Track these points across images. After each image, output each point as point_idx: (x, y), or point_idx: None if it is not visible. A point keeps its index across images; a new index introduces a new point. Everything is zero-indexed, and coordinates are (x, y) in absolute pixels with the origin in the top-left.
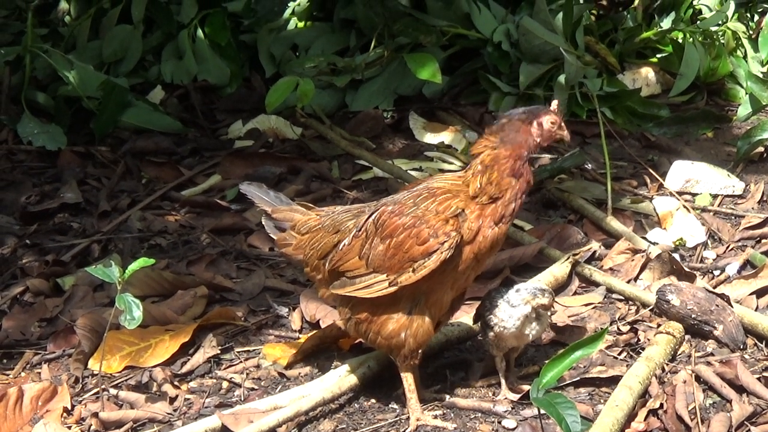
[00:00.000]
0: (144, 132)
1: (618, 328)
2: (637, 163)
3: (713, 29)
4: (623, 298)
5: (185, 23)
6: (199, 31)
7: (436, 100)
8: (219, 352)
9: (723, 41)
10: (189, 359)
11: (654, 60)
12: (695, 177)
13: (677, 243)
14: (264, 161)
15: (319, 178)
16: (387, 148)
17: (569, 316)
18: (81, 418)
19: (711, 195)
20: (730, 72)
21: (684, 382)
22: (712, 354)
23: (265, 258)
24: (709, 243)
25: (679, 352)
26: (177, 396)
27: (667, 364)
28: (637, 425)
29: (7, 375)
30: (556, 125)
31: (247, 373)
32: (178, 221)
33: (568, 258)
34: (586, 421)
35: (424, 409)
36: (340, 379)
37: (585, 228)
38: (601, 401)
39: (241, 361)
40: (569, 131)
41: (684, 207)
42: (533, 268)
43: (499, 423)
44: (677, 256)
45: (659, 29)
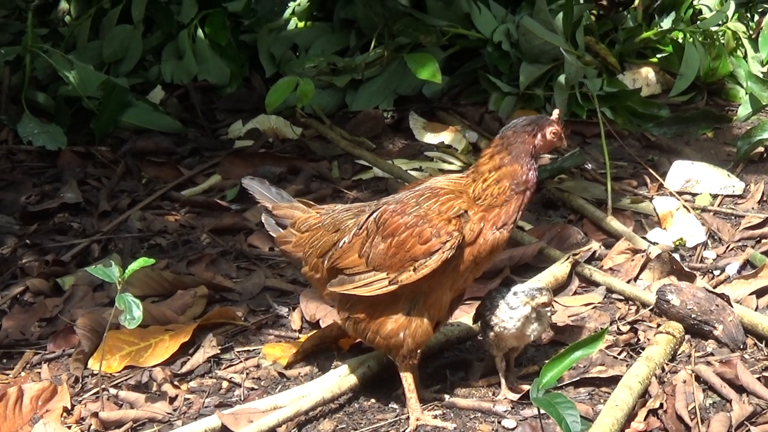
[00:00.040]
0: (144, 132)
1: (618, 328)
2: (637, 163)
3: (713, 29)
4: (623, 298)
5: (185, 23)
6: (199, 31)
7: (436, 100)
8: (219, 351)
9: (723, 41)
10: (189, 359)
11: (654, 60)
12: (695, 177)
13: (677, 243)
14: (264, 161)
15: (319, 178)
16: (387, 148)
17: (569, 316)
18: (81, 417)
19: (711, 195)
20: (730, 72)
21: (684, 382)
22: (712, 354)
23: (265, 258)
24: (709, 243)
25: (679, 352)
26: (177, 396)
27: (667, 364)
28: (637, 425)
29: (7, 375)
30: (557, 136)
31: (247, 373)
32: (178, 221)
33: (568, 258)
34: (585, 421)
35: (423, 409)
36: (340, 379)
37: (585, 228)
38: (601, 401)
39: (241, 361)
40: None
41: (684, 207)
42: (533, 268)
43: (499, 423)
44: (677, 256)
45: (659, 29)
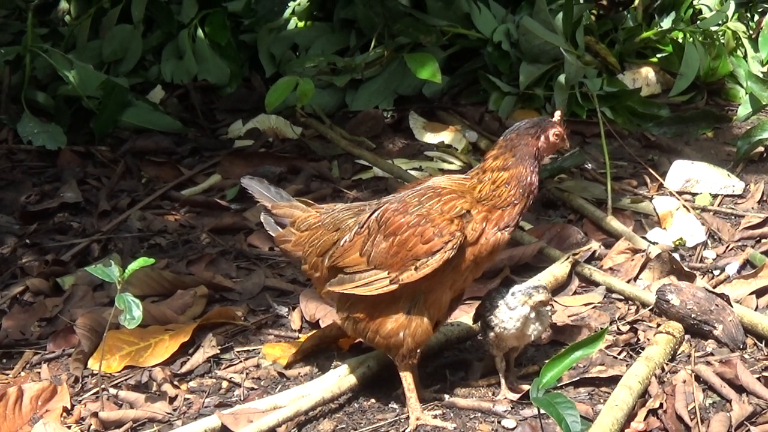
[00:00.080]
0: (144, 131)
1: (618, 327)
2: (637, 163)
3: (713, 29)
4: (623, 297)
5: (185, 23)
6: (199, 31)
7: (436, 99)
8: (219, 351)
9: (723, 41)
10: (189, 359)
11: (654, 60)
12: (695, 177)
13: (677, 243)
14: (264, 161)
15: (319, 177)
16: (387, 147)
17: (569, 315)
18: (80, 417)
19: (711, 195)
20: (730, 72)
21: (684, 381)
22: (711, 354)
23: (265, 257)
24: (709, 243)
25: (679, 351)
26: (177, 396)
27: (667, 363)
28: (637, 425)
29: (7, 375)
30: (560, 137)
31: (247, 373)
32: (177, 221)
33: (567, 258)
34: (585, 421)
35: (423, 409)
36: (339, 379)
37: (585, 228)
38: (601, 401)
39: (241, 361)
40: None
41: (684, 207)
42: (533, 267)
43: (499, 423)
44: (677, 255)
45: (659, 29)
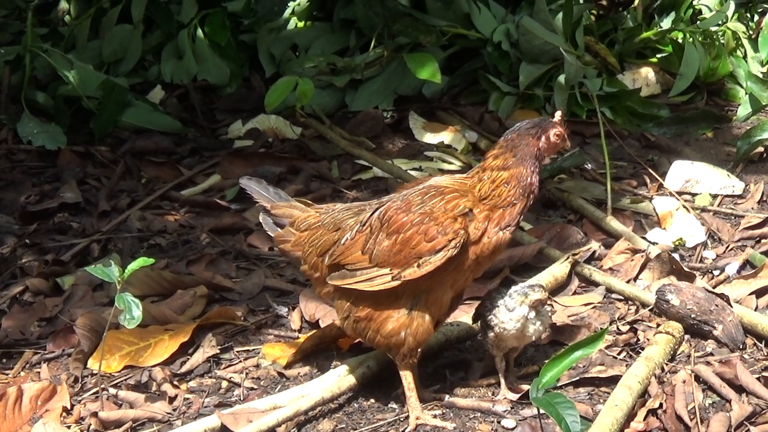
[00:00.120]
0: (144, 132)
1: (617, 327)
2: (637, 163)
3: (713, 29)
4: (623, 298)
5: (185, 23)
6: (199, 31)
7: (435, 100)
8: (218, 351)
9: (723, 41)
10: (188, 359)
11: (654, 60)
12: (695, 177)
13: (677, 243)
14: (264, 161)
15: (319, 177)
16: (387, 147)
17: (569, 316)
18: (80, 417)
19: (711, 195)
20: (729, 72)
21: (683, 381)
22: (711, 354)
23: (265, 258)
24: (709, 243)
25: (679, 351)
26: (176, 395)
27: (667, 363)
28: (637, 425)
29: (7, 374)
30: (560, 138)
31: (247, 373)
32: (177, 221)
33: (567, 258)
34: (585, 421)
35: (423, 409)
36: (339, 379)
37: (585, 228)
38: (601, 401)
39: (241, 361)
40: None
41: (684, 207)
42: (533, 267)
43: (499, 423)
44: (677, 256)
45: (659, 29)
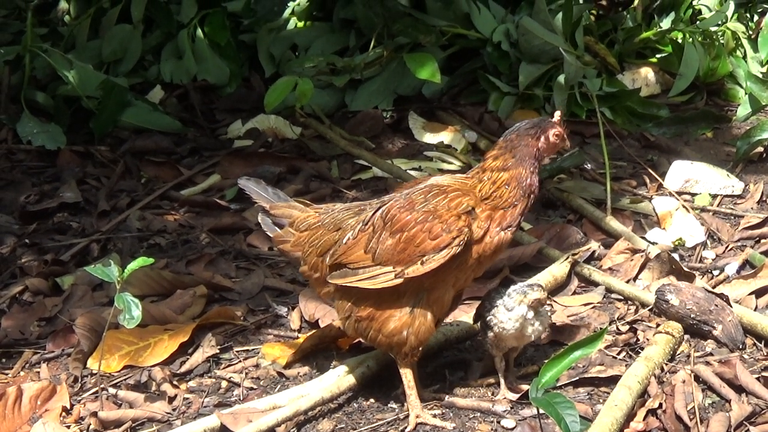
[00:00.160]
0: (143, 131)
1: (617, 327)
2: (637, 163)
3: (713, 29)
4: (622, 297)
5: (185, 23)
6: (199, 31)
7: (435, 99)
8: (218, 351)
9: (722, 41)
10: (188, 359)
11: (653, 60)
12: (695, 177)
13: (676, 243)
14: (263, 161)
15: (319, 177)
16: (386, 147)
17: (568, 315)
18: (80, 417)
19: (710, 195)
20: (729, 72)
21: (683, 381)
22: (711, 354)
23: (264, 257)
24: (709, 243)
25: (678, 351)
26: (176, 395)
27: (666, 363)
28: (636, 425)
29: (6, 374)
30: (560, 138)
31: (246, 373)
32: (177, 221)
33: (567, 258)
34: (585, 421)
35: (423, 407)
36: (339, 379)
37: (584, 228)
38: (600, 401)
39: (240, 361)
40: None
41: (683, 207)
42: (532, 267)
43: (498, 423)
44: (676, 256)
45: (659, 29)
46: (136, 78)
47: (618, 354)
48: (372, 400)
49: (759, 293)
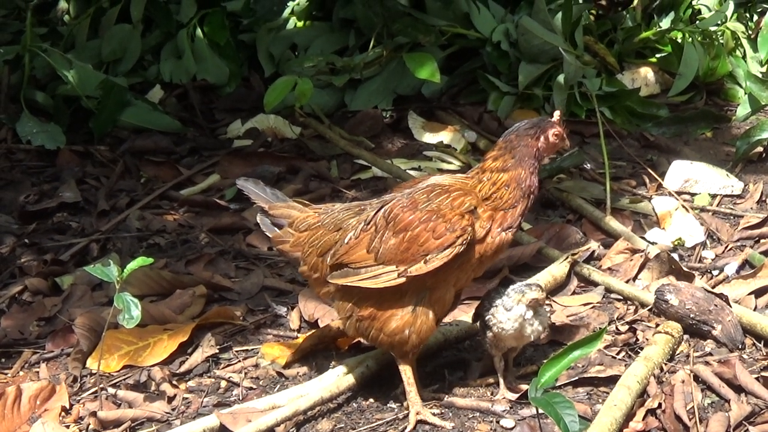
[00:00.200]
0: (143, 131)
1: (616, 327)
2: (636, 163)
3: (712, 29)
4: (622, 297)
5: (184, 22)
6: (198, 31)
7: (435, 99)
8: (217, 351)
9: (722, 41)
10: (187, 358)
11: (653, 60)
12: (694, 177)
13: (676, 243)
14: (263, 160)
15: (318, 177)
16: (386, 147)
17: (568, 315)
18: (79, 417)
19: (710, 195)
20: (729, 72)
21: (682, 381)
22: (710, 354)
23: (264, 257)
24: (708, 243)
25: (678, 351)
26: (175, 395)
27: (666, 363)
28: (636, 425)
29: (6, 374)
30: (559, 137)
31: (246, 373)
32: (176, 220)
33: (566, 258)
34: (584, 421)
35: (423, 405)
36: (338, 379)
37: (584, 228)
38: (600, 401)
39: (240, 361)
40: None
41: (683, 207)
42: (532, 267)
43: (498, 422)
44: (676, 255)
45: (658, 29)
46: (135, 78)
47: (617, 354)
48: (371, 400)
49: (758, 293)
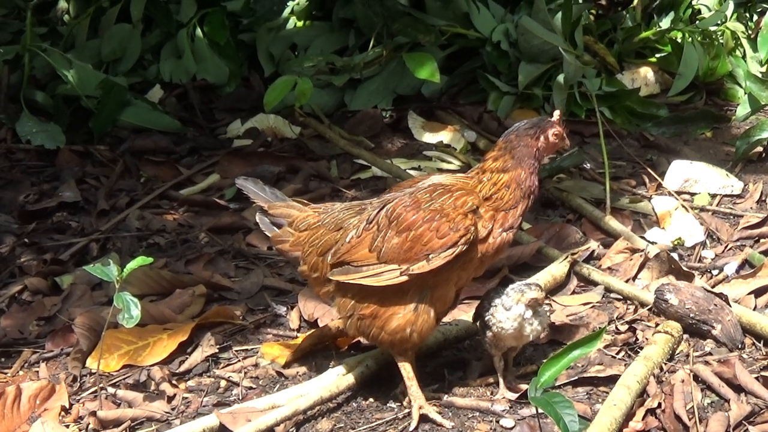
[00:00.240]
0: (143, 131)
1: (616, 327)
2: (636, 163)
3: (712, 29)
4: (622, 297)
5: (184, 22)
6: (198, 30)
7: (434, 99)
8: (217, 351)
9: (722, 41)
10: (187, 358)
11: (653, 60)
12: (694, 176)
13: (676, 242)
14: (263, 160)
15: (318, 177)
16: (386, 147)
17: (567, 315)
18: (79, 416)
19: (710, 194)
20: (728, 72)
21: (682, 381)
22: (710, 353)
23: (264, 257)
24: (708, 242)
25: (678, 351)
26: (175, 395)
27: (666, 363)
28: (635, 424)
29: (6, 374)
30: (559, 137)
31: (245, 372)
32: (176, 220)
33: (566, 257)
34: (584, 421)
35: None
36: (338, 378)
37: (583, 227)
38: (599, 400)
39: (239, 360)
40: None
41: (682, 206)
42: (532, 267)
43: (497, 422)
44: (676, 255)
45: (658, 29)
46: (135, 77)
47: (617, 353)
48: (371, 399)
49: (758, 293)
